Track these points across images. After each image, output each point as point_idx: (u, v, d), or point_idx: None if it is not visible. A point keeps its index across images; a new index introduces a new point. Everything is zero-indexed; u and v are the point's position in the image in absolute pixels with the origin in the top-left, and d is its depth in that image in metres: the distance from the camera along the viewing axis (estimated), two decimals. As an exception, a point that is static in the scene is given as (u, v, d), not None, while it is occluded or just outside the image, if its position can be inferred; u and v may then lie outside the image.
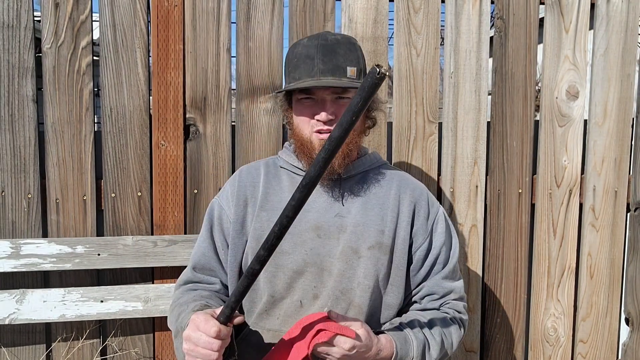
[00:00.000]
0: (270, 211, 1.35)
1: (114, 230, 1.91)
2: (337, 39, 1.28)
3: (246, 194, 1.39)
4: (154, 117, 1.89)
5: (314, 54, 1.25)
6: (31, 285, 1.89)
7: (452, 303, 1.41)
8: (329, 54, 1.24)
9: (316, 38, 1.28)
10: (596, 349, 2.23)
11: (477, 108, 2.04)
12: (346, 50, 1.27)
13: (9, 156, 1.84)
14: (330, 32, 1.33)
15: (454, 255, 1.43)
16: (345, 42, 1.29)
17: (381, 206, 1.35)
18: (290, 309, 1.32)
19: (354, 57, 1.28)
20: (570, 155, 2.11)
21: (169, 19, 1.87)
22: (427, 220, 1.39)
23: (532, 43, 2.06)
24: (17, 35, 1.81)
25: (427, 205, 1.40)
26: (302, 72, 1.26)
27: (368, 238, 1.31)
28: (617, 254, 2.20)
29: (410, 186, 1.41)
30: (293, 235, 1.31)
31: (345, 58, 1.25)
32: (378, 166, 1.42)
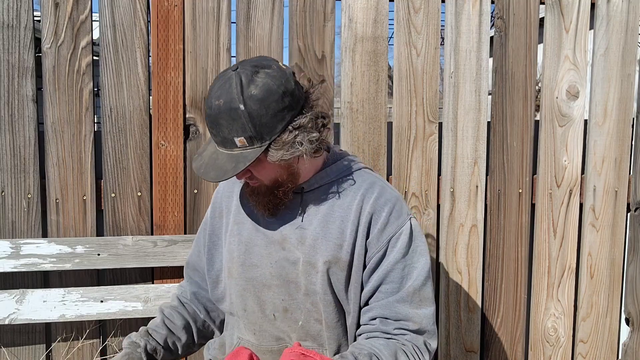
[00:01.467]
0: (241, 224, 1.33)
1: (114, 230, 1.91)
2: (218, 108, 1.13)
3: (222, 205, 1.40)
4: (154, 117, 1.89)
5: (207, 122, 1.18)
6: (31, 285, 1.89)
7: (410, 336, 1.23)
8: (215, 126, 1.16)
9: (207, 101, 1.17)
10: (596, 349, 2.23)
11: (477, 108, 2.04)
12: (228, 120, 1.13)
13: (9, 156, 1.84)
14: (221, 87, 1.15)
15: (418, 277, 1.24)
16: (226, 110, 1.13)
17: (343, 219, 1.26)
18: (264, 322, 1.32)
19: (239, 126, 1.13)
20: (571, 155, 2.11)
21: (169, 19, 1.87)
22: (384, 231, 1.25)
23: (532, 43, 2.06)
24: (17, 35, 1.81)
25: (388, 215, 1.25)
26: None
27: (325, 252, 1.24)
28: (617, 254, 2.20)
29: (375, 194, 1.28)
30: (260, 247, 1.29)
31: (229, 130, 1.14)
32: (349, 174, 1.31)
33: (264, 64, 1.17)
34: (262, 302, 1.30)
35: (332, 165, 1.30)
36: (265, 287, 1.29)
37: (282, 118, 1.15)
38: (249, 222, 1.32)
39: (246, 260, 1.30)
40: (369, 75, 1.98)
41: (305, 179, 1.27)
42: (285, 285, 1.28)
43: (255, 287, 1.30)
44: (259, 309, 1.31)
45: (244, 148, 1.16)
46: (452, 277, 2.08)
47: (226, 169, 1.16)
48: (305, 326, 1.29)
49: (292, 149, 1.18)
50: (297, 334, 1.29)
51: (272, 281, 1.28)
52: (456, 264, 2.08)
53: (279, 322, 1.30)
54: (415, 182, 2.03)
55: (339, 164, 1.31)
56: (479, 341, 2.14)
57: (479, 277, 2.11)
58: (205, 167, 1.19)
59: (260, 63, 1.17)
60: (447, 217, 2.06)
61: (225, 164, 1.17)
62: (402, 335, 1.22)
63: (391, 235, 1.25)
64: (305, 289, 1.27)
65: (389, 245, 1.24)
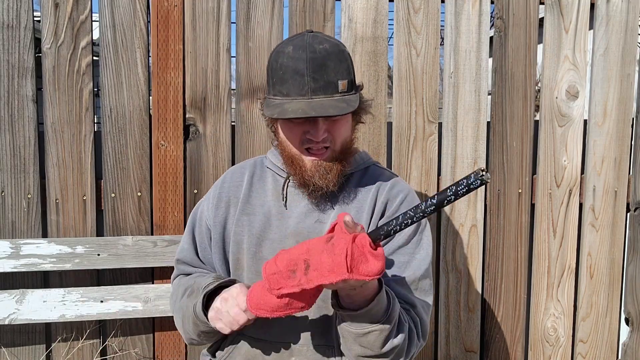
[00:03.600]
0: (252, 215, 1.31)
1: (113, 230, 1.91)
2: (326, 50, 1.17)
3: (229, 195, 1.35)
4: (153, 117, 1.89)
5: (304, 69, 1.16)
6: (31, 286, 1.89)
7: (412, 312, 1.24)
8: (319, 70, 1.16)
9: (303, 49, 1.17)
10: (596, 349, 2.23)
11: (477, 108, 2.04)
12: (336, 62, 1.18)
13: (9, 156, 1.84)
14: (317, 37, 1.20)
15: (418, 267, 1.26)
16: (335, 52, 1.19)
17: (358, 209, 1.29)
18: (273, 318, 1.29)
19: (345, 69, 1.20)
20: (570, 155, 2.11)
21: (168, 19, 1.87)
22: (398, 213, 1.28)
23: (532, 43, 2.06)
24: (17, 35, 1.81)
25: (400, 203, 1.30)
26: (291, 89, 1.18)
27: None
28: (617, 254, 2.20)
29: (389, 185, 1.32)
30: (273, 241, 1.28)
31: (336, 72, 1.17)
32: (364, 168, 1.35)
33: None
34: None
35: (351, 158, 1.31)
36: None
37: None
38: (260, 214, 1.30)
39: (257, 253, 1.29)
40: (369, 75, 1.98)
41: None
42: None
43: None
44: None
45: (344, 93, 1.19)
46: (452, 277, 2.08)
47: (342, 106, 1.16)
48: (314, 322, 1.28)
49: (366, 106, 1.29)
50: (305, 330, 1.28)
51: None
52: (456, 264, 2.08)
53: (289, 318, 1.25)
54: (415, 182, 2.03)
55: (355, 157, 1.34)
56: (479, 341, 2.14)
57: (479, 277, 2.11)
58: (314, 109, 1.14)
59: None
60: (447, 217, 2.06)
61: (336, 104, 1.16)
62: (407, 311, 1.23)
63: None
64: None
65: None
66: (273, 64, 1.22)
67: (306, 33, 1.22)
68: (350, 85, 1.21)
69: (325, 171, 1.23)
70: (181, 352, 1.98)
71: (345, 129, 1.25)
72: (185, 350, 1.98)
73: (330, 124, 1.21)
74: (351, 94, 1.20)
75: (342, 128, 1.24)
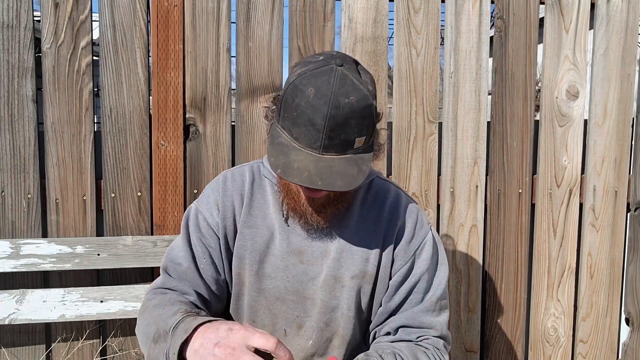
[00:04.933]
0: (254, 228, 1.22)
1: (113, 230, 1.91)
2: (350, 107, 1.01)
3: (233, 204, 1.24)
4: (153, 117, 1.89)
5: (321, 125, 1.01)
6: (31, 285, 1.89)
7: (432, 339, 1.22)
8: (338, 129, 1.02)
9: (326, 100, 1.00)
10: (596, 349, 2.23)
11: (477, 108, 2.04)
12: (360, 119, 1.03)
13: (9, 156, 1.84)
14: (344, 84, 1.02)
15: (439, 286, 1.24)
16: (361, 108, 1.02)
17: (368, 230, 1.22)
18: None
19: (367, 125, 1.05)
20: (570, 155, 2.11)
21: (168, 19, 1.87)
22: (410, 243, 1.23)
23: (532, 43, 2.06)
24: (17, 35, 1.81)
25: (413, 226, 1.24)
26: (302, 137, 1.03)
27: (352, 266, 1.20)
28: (617, 254, 2.20)
29: (402, 206, 1.25)
30: (276, 258, 1.21)
31: (355, 130, 1.03)
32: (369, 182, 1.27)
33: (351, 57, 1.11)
34: (274, 316, 1.23)
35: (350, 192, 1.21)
36: (279, 301, 1.22)
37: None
38: (263, 227, 1.22)
39: (259, 270, 1.22)
40: (369, 75, 1.98)
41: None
42: (301, 302, 1.22)
43: (268, 299, 1.22)
44: (270, 323, 1.24)
45: (358, 150, 1.06)
46: (452, 277, 2.08)
47: (352, 174, 1.04)
48: (315, 345, 1.24)
49: (379, 148, 1.18)
50: (304, 353, 1.24)
51: (287, 296, 1.22)
52: (456, 264, 2.08)
53: (290, 339, 1.24)
54: (415, 182, 2.03)
55: None
56: (479, 341, 2.14)
57: (479, 277, 2.11)
58: (320, 177, 1.01)
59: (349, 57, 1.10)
60: (447, 217, 2.06)
61: (347, 169, 1.04)
62: (425, 340, 1.21)
63: (416, 247, 1.23)
64: (322, 305, 1.21)
65: (415, 256, 1.23)
66: (289, 98, 1.05)
67: (335, 70, 1.03)
68: (368, 139, 1.08)
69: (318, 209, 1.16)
70: (181, 352, 1.97)
71: None
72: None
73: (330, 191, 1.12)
74: (365, 149, 1.08)
75: None
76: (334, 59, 1.05)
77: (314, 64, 1.06)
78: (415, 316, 1.22)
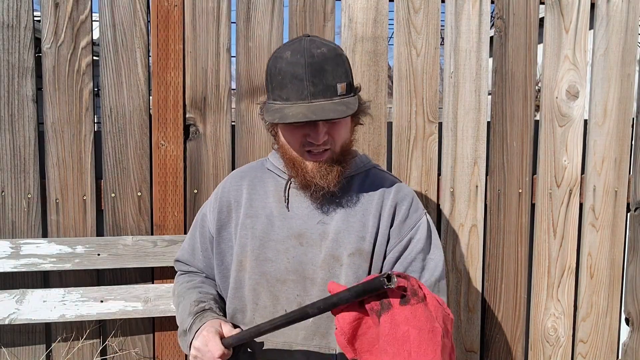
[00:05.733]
0: (254, 217, 1.33)
1: (114, 230, 1.91)
2: (324, 55, 1.19)
3: (229, 199, 1.38)
4: (154, 117, 1.89)
5: (302, 74, 1.17)
6: (31, 285, 1.89)
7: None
8: (318, 74, 1.17)
9: (301, 53, 1.18)
10: (596, 349, 2.23)
11: (477, 108, 2.04)
12: (334, 66, 1.19)
13: (9, 156, 1.84)
14: (314, 42, 1.21)
15: (436, 268, 1.30)
16: (333, 56, 1.20)
17: (364, 212, 1.30)
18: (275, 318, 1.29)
19: (343, 72, 1.21)
20: (570, 155, 2.11)
21: (169, 19, 1.87)
22: (405, 222, 1.31)
23: (532, 43, 2.06)
24: (17, 35, 1.81)
25: (408, 208, 1.33)
26: (291, 93, 1.19)
27: (349, 245, 1.27)
28: (617, 254, 2.20)
29: (394, 189, 1.35)
30: (277, 242, 1.30)
31: (334, 75, 1.19)
32: (365, 170, 1.37)
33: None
34: (275, 297, 1.30)
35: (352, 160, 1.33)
36: (279, 282, 1.29)
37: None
38: (262, 216, 1.32)
39: (260, 255, 1.30)
40: (369, 75, 1.98)
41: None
42: (301, 281, 1.28)
43: (269, 281, 1.30)
44: (271, 304, 1.30)
45: (343, 96, 1.21)
46: (452, 277, 2.08)
47: (342, 110, 1.17)
48: (316, 323, 1.28)
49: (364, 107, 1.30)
50: (305, 331, 1.29)
51: (287, 276, 1.29)
52: (456, 264, 2.08)
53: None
54: (415, 182, 2.03)
55: (357, 159, 1.36)
56: (479, 341, 2.14)
57: (479, 277, 2.11)
58: (315, 113, 1.16)
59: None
60: (447, 217, 2.06)
61: (336, 107, 1.17)
62: None
63: (411, 227, 1.31)
64: (322, 284, 1.27)
65: (410, 236, 1.30)
66: (272, 69, 1.23)
67: (303, 38, 1.23)
68: (349, 87, 1.22)
69: (326, 172, 1.25)
70: (181, 352, 1.98)
71: (345, 130, 1.27)
72: (185, 350, 1.98)
73: (330, 127, 1.23)
74: (350, 96, 1.22)
75: (341, 130, 1.25)
76: (303, 35, 1.26)
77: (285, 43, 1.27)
78: None
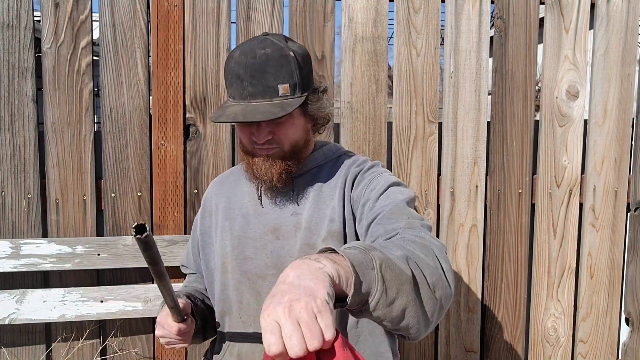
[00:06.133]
0: (232, 219, 1.35)
1: (114, 230, 1.91)
2: (266, 55, 1.17)
3: (211, 204, 1.41)
4: (154, 117, 1.89)
5: (243, 74, 1.18)
6: (31, 285, 1.89)
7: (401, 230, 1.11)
8: (257, 75, 1.17)
9: (245, 54, 1.19)
10: (596, 349, 2.23)
11: (477, 108, 2.04)
12: (277, 67, 1.17)
13: (9, 156, 1.84)
14: (264, 42, 1.20)
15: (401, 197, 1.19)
16: (276, 56, 1.18)
17: (332, 196, 1.30)
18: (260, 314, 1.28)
19: (286, 73, 1.19)
20: (570, 155, 2.11)
21: (169, 19, 1.87)
22: (362, 180, 1.28)
23: (532, 43, 2.06)
24: (17, 35, 1.81)
25: (365, 172, 1.30)
26: (235, 92, 1.21)
27: (322, 230, 1.27)
28: (617, 254, 2.20)
29: (355, 163, 1.33)
30: (254, 240, 1.31)
31: (276, 76, 1.17)
32: (335, 157, 1.37)
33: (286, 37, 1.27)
34: (258, 294, 1.30)
35: (318, 150, 1.36)
36: (261, 278, 1.30)
37: (312, 78, 1.27)
38: (240, 216, 1.34)
39: (240, 254, 1.32)
40: (369, 75, 1.98)
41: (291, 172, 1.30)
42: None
43: (251, 279, 1.31)
44: (254, 301, 1.31)
45: (286, 97, 1.19)
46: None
47: (273, 112, 1.16)
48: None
49: (321, 108, 1.29)
50: None
51: (267, 271, 1.29)
52: (456, 264, 2.08)
53: None
54: (415, 182, 2.03)
55: (324, 148, 1.38)
56: (479, 341, 2.14)
57: (479, 277, 2.11)
58: (244, 114, 1.16)
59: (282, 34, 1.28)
60: (447, 217, 2.06)
61: (270, 109, 1.17)
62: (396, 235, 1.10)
63: (369, 179, 1.27)
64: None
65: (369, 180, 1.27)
66: (225, 67, 1.25)
67: (261, 37, 1.23)
68: (294, 88, 1.20)
69: (270, 166, 1.25)
70: (181, 352, 1.98)
71: (293, 130, 1.25)
72: (185, 350, 1.98)
73: (274, 127, 1.23)
74: (293, 97, 1.20)
75: (288, 130, 1.24)
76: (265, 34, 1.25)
77: (243, 42, 1.26)
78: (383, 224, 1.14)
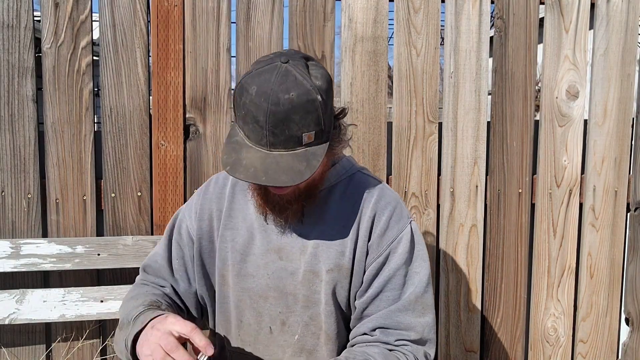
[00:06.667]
0: (234, 229, 1.25)
1: (114, 230, 1.91)
2: (291, 103, 1.01)
3: (211, 207, 1.28)
4: (154, 117, 1.89)
5: (263, 122, 1.02)
6: (31, 285, 1.89)
7: (411, 347, 1.16)
8: (280, 124, 1.02)
9: (265, 97, 1.01)
10: (596, 349, 2.23)
11: (477, 108, 2.04)
12: (303, 114, 1.02)
13: (9, 156, 1.84)
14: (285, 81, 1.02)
15: (420, 284, 1.19)
16: (302, 102, 1.02)
17: (344, 224, 1.20)
18: (260, 336, 1.25)
19: (313, 120, 1.04)
20: (570, 155, 2.11)
21: (169, 19, 1.87)
22: (384, 235, 1.19)
23: (532, 43, 2.06)
24: (17, 35, 1.81)
25: (388, 219, 1.20)
26: (251, 134, 1.05)
27: (327, 260, 1.19)
28: (617, 254, 2.20)
29: (375, 197, 1.22)
30: (257, 256, 1.22)
31: (300, 125, 1.03)
32: (349, 176, 1.25)
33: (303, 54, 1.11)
34: (259, 314, 1.24)
35: (331, 169, 1.23)
36: (262, 299, 1.23)
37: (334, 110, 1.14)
38: (243, 228, 1.25)
39: (241, 270, 1.24)
40: (369, 75, 1.98)
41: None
42: (282, 298, 1.22)
43: (252, 298, 1.24)
44: (255, 322, 1.25)
45: (309, 145, 1.06)
46: (452, 277, 2.08)
47: (299, 169, 1.04)
48: (302, 340, 1.23)
49: (341, 144, 1.16)
50: (292, 349, 1.24)
51: (268, 292, 1.22)
52: (456, 264, 2.08)
53: (276, 336, 1.24)
54: (415, 182, 2.03)
55: (337, 166, 1.25)
56: (479, 341, 2.14)
57: (479, 277, 2.11)
58: (264, 170, 1.03)
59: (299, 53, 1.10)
60: (447, 217, 2.06)
61: (294, 164, 1.04)
62: (404, 347, 1.16)
63: (392, 240, 1.19)
64: (305, 300, 1.21)
65: (390, 250, 1.19)
66: (237, 98, 1.07)
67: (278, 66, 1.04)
68: (319, 135, 1.07)
69: (283, 208, 1.16)
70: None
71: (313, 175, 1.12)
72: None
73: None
74: (317, 144, 1.07)
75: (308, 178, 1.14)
76: (281, 56, 1.07)
77: (261, 63, 1.08)
78: (391, 315, 1.17)
